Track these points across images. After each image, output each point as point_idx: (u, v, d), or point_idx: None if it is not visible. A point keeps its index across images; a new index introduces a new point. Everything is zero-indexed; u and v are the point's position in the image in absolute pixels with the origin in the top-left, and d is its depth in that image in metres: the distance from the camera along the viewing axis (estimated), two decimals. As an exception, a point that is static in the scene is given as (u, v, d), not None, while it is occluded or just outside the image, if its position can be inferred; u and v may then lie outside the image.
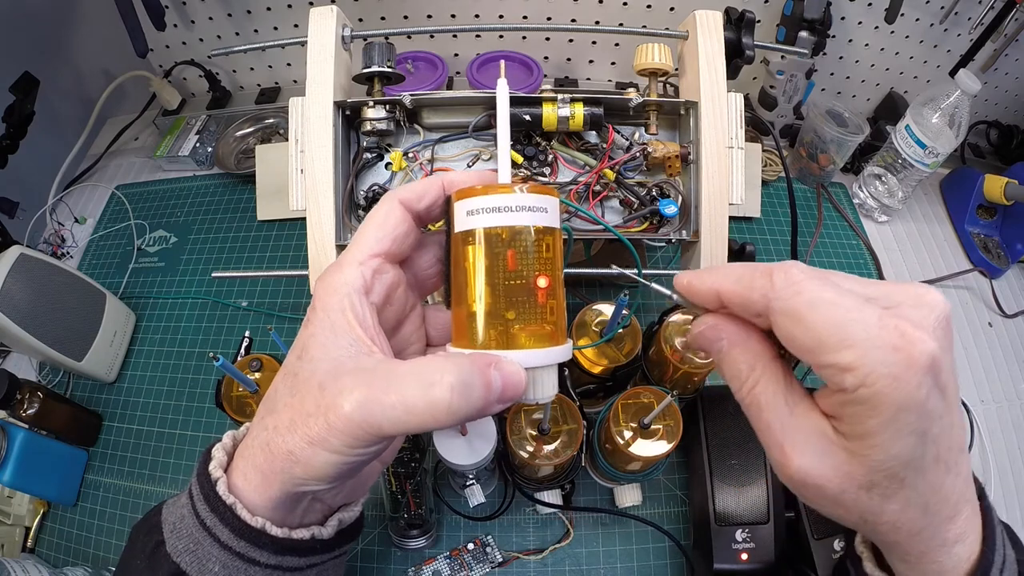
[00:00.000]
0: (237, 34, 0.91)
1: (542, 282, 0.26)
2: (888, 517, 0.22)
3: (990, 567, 0.24)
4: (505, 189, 0.26)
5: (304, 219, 0.52)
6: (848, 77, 0.94)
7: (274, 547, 0.25)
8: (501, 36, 0.91)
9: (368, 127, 0.55)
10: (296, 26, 0.88)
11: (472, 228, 0.26)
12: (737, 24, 0.68)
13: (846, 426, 0.22)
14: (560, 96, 0.53)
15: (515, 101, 0.54)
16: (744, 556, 0.50)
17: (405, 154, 0.57)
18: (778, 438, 0.23)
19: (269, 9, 0.87)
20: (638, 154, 0.56)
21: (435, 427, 0.23)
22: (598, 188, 0.57)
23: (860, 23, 0.85)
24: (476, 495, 0.54)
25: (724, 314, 0.26)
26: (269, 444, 0.24)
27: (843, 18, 0.85)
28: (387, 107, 0.54)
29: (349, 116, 0.56)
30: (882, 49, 0.89)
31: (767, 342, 0.25)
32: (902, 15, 0.80)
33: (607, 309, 0.56)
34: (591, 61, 0.95)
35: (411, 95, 0.53)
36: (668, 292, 0.28)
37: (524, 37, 0.91)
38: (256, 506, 0.25)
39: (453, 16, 0.88)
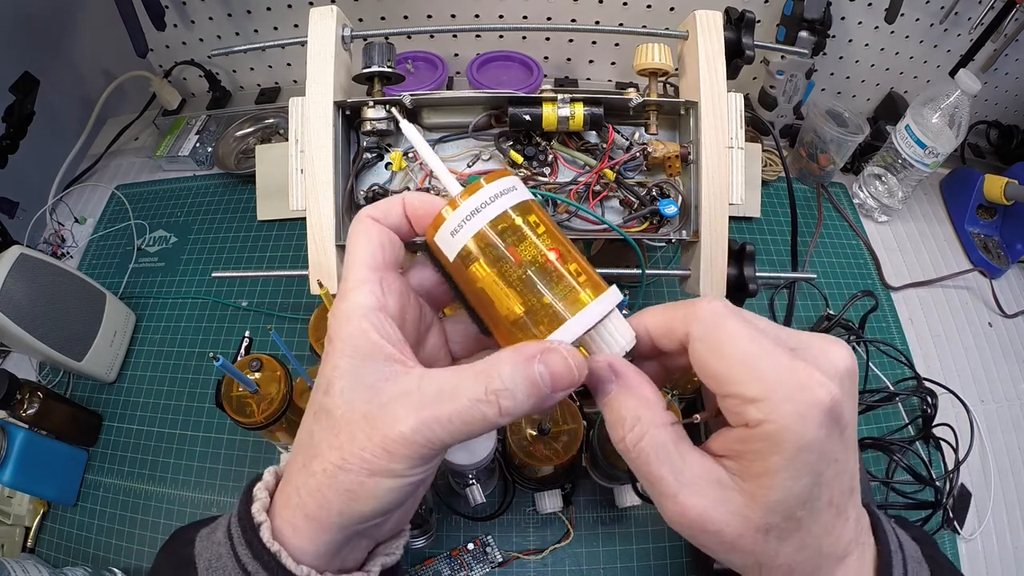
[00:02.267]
0: (237, 34, 0.91)
1: (551, 254, 0.25)
2: (783, 560, 0.22)
3: None
4: (471, 190, 0.25)
5: (304, 219, 0.52)
6: (848, 77, 0.94)
7: None
8: (501, 36, 0.91)
9: (368, 127, 0.55)
10: (296, 26, 0.88)
11: (464, 244, 0.25)
12: (737, 24, 0.68)
13: (744, 465, 0.22)
14: (560, 96, 0.53)
15: (515, 101, 0.54)
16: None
17: (405, 154, 0.57)
18: (672, 489, 0.23)
19: (269, 9, 0.87)
20: (638, 154, 0.56)
21: (496, 428, 0.24)
22: (598, 188, 0.57)
23: (860, 23, 0.85)
24: (476, 495, 0.54)
25: (614, 357, 0.25)
26: (321, 489, 0.23)
27: (843, 18, 0.85)
28: (387, 107, 0.54)
29: (349, 116, 0.56)
30: (882, 49, 0.89)
31: (657, 393, 0.25)
32: (902, 15, 0.80)
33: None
34: (591, 61, 0.95)
35: (411, 95, 0.53)
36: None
37: (524, 37, 0.91)
38: (304, 553, 0.24)
39: (453, 16, 0.88)
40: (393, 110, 0.29)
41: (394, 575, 0.29)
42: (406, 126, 0.28)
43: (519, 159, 0.55)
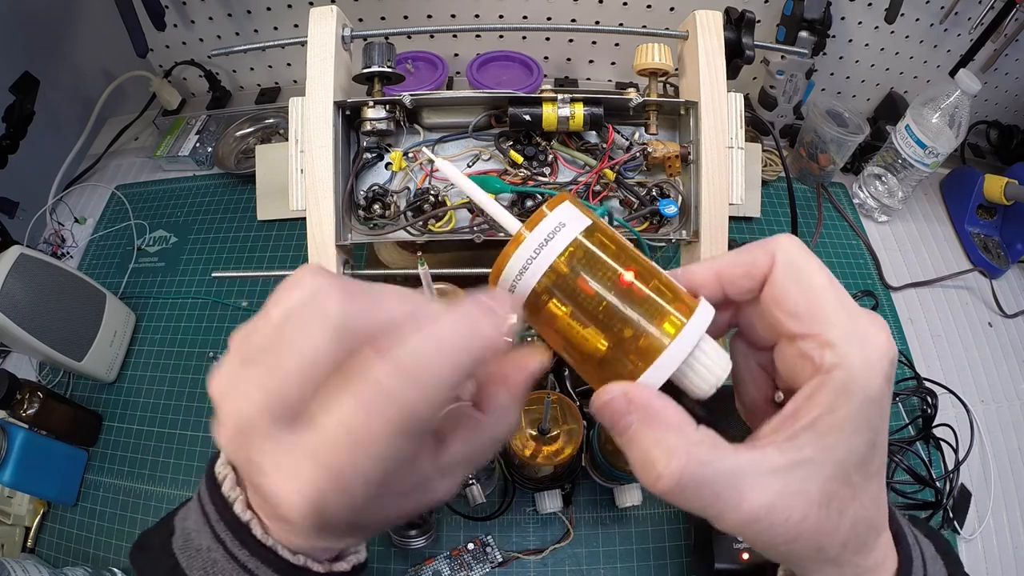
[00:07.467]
0: (237, 34, 0.91)
1: (628, 276, 0.23)
2: (841, 536, 0.22)
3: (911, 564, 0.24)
4: (532, 222, 0.23)
5: (304, 219, 0.52)
6: (848, 77, 0.94)
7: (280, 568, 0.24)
8: (501, 36, 0.91)
9: (368, 127, 0.55)
10: (296, 26, 0.88)
11: (535, 282, 0.23)
12: (737, 24, 0.68)
13: (804, 419, 0.21)
14: (560, 96, 0.53)
15: (515, 101, 0.54)
16: (745, 556, 0.50)
17: (405, 154, 0.57)
18: (733, 501, 0.21)
19: (269, 9, 0.87)
20: (638, 154, 0.56)
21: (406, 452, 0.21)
22: (598, 188, 0.57)
23: (860, 23, 0.85)
24: (476, 495, 0.54)
25: (631, 385, 0.23)
26: None
27: (843, 18, 0.85)
28: (387, 107, 0.54)
29: (349, 116, 0.56)
30: (882, 49, 0.89)
31: (681, 410, 0.23)
32: (902, 15, 0.80)
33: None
34: (591, 61, 0.95)
35: (411, 95, 0.53)
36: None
37: (524, 37, 0.91)
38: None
39: (453, 16, 0.88)
40: (425, 149, 0.28)
41: (361, 569, 0.29)
42: (443, 164, 0.26)
43: (519, 159, 0.55)
